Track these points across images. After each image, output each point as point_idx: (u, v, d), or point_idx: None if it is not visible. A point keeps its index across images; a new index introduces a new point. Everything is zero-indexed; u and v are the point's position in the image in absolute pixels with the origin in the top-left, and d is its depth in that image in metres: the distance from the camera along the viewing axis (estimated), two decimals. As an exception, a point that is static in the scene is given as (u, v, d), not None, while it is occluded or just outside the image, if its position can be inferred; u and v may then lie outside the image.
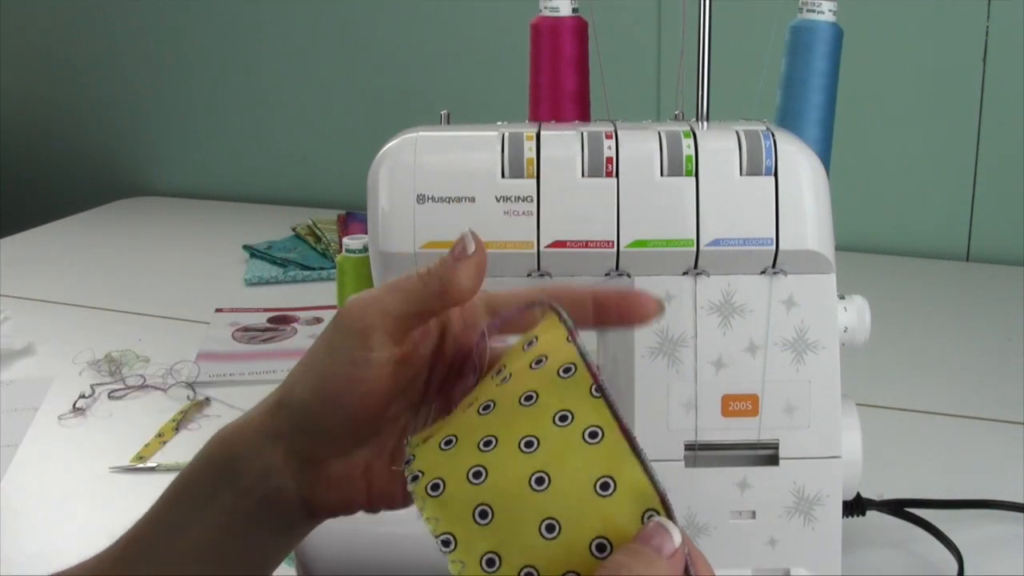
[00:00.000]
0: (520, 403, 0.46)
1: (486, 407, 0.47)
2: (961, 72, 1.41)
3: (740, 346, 0.66)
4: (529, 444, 0.44)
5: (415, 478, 0.45)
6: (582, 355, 0.46)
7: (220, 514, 0.51)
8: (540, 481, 0.42)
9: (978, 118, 1.41)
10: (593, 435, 0.43)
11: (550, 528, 0.41)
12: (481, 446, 0.45)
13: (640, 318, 0.51)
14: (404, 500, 0.52)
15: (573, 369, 0.46)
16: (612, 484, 0.42)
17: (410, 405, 0.53)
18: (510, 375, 0.48)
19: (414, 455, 0.47)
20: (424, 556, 0.50)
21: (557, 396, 0.45)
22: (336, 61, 1.79)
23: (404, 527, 0.61)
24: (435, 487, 0.44)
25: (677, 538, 0.41)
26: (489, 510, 0.43)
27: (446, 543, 0.42)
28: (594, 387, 0.45)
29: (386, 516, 0.54)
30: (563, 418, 0.44)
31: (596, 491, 0.42)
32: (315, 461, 0.51)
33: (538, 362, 0.48)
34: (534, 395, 0.46)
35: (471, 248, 0.50)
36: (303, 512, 0.52)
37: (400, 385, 0.51)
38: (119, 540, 0.54)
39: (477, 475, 0.44)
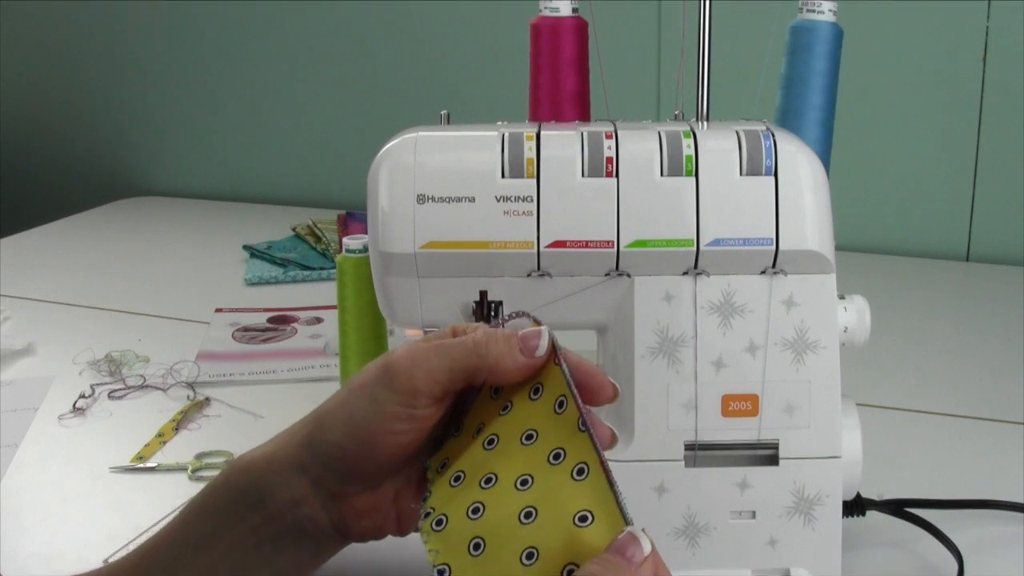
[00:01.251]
0: (521, 442, 0.49)
1: (491, 441, 0.50)
2: (961, 72, 1.41)
3: (740, 346, 0.66)
4: (524, 482, 0.47)
5: (427, 514, 0.49)
6: (568, 385, 0.50)
7: (244, 536, 0.51)
8: (528, 515, 0.46)
9: (978, 118, 1.41)
10: (580, 472, 0.47)
11: (529, 556, 0.45)
12: (482, 483, 0.48)
13: (594, 400, 0.51)
14: None
15: (565, 403, 0.49)
16: (590, 516, 0.45)
17: (435, 435, 0.54)
18: (511, 403, 0.52)
19: (431, 491, 0.51)
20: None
21: (553, 433, 0.49)
22: (336, 61, 1.79)
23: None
24: (439, 522, 0.48)
25: (647, 547, 0.43)
26: (482, 542, 0.46)
27: (441, 572, 0.46)
28: (580, 422, 0.48)
29: None
30: (556, 456, 0.48)
31: (575, 523, 0.45)
32: (344, 494, 0.52)
33: (536, 391, 0.51)
34: (534, 434, 0.49)
35: (542, 351, 0.51)
36: (333, 536, 0.53)
37: (433, 431, 0.52)
38: (131, 554, 0.54)
39: (475, 511, 0.47)
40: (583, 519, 0.45)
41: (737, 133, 0.66)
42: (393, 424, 0.50)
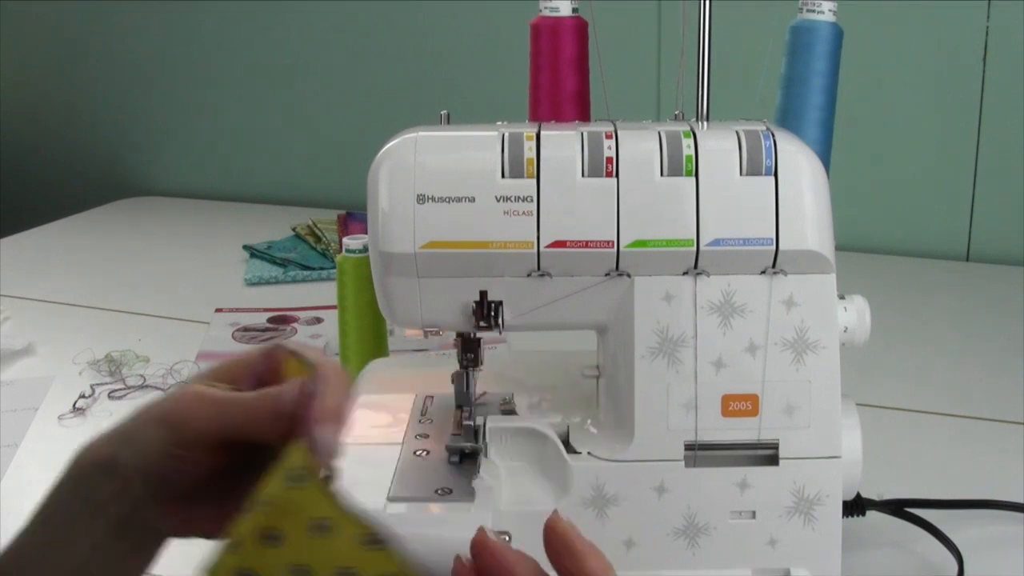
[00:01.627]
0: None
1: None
2: (961, 72, 1.41)
3: (740, 346, 0.66)
4: (251, 503, 0.46)
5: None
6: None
7: (84, 535, 0.53)
8: (275, 538, 0.45)
9: (978, 118, 1.41)
10: (299, 479, 0.45)
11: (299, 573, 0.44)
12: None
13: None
14: None
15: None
16: (328, 524, 0.44)
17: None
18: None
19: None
20: (428, 556, 0.51)
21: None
22: (336, 61, 1.79)
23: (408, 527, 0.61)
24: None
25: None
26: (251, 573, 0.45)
27: None
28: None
29: (386, 517, 0.55)
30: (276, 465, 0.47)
31: (315, 533, 0.44)
32: (153, 501, 0.52)
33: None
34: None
35: (288, 402, 0.50)
36: (158, 535, 0.54)
37: (220, 466, 0.52)
38: None
39: (235, 546, 0.46)
40: (322, 528, 0.44)
41: (737, 133, 0.66)
42: (177, 464, 0.51)
